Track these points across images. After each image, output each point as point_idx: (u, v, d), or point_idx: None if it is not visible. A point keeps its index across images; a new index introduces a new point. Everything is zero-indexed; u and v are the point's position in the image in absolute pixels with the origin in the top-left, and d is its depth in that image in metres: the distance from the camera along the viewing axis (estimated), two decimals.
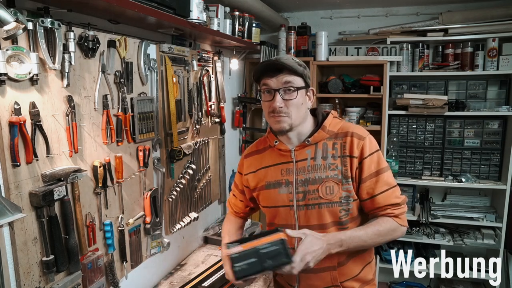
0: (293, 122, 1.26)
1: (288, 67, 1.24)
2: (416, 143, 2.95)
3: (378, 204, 1.28)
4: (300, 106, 1.27)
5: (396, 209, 1.28)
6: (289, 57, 1.30)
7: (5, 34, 1.02)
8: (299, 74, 1.26)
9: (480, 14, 2.71)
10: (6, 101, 1.09)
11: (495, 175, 2.82)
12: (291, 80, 1.24)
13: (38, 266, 1.21)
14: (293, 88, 1.24)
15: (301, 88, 1.26)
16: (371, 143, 1.30)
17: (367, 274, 1.37)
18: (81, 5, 1.24)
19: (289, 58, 1.28)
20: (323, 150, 1.30)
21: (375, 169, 1.27)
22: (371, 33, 3.02)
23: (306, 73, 1.29)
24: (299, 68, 1.26)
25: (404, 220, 1.31)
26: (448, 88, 2.87)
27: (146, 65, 1.68)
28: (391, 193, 1.28)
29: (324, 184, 1.27)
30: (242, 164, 1.47)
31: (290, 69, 1.24)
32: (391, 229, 1.28)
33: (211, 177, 2.42)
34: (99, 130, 1.45)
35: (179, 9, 1.62)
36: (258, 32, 2.65)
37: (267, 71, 1.27)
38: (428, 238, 2.95)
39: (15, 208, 1.09)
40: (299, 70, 1.25)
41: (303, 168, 1.30)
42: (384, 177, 1.28)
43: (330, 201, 1.26)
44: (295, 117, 1.26)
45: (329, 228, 1.28)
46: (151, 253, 1.82)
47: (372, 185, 1.27)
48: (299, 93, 1.25)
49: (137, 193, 1.70)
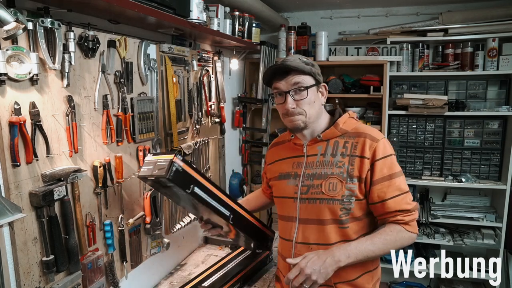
0: (307, 119, 1.29)
1: (295, 68, 1.26)
2: (416, 143, 2.95)
3: (389, 209, 1.26)
4: (313, 104, 1.29)
5: (407, 215, 1.26)
6: (296, 57, 1.31)
7: (5, 34, 1.02)
8: (307, 73, 1.27)
9: (480, 14, 2.71)
10: (6, 101, 1.09)
11: (495, 175, 2.82)
12: (300, 81, 1.27)
13: (38, 266, 1.21)
14: (303, 87, 1.27)
15: (311, 86, 1.28)
16: (385, 147, 1.28)
17: (365, 282, 1.34)
18: (81, 5, 1.24)
19: (295, 59, 1.30)
20: (333, 147, 1.31)
21: (387, 172, 1.26)
22: (371, 33, 3.02)
23: (315, 71, 1.30)
24: (306, 68, 1.27)
25: (414, 227, 1.29)
26: (448, 88, 2.87)
27: (146, 65, 1.68)
28: (402, 198, 1.26)
29: (328, 180, 1.28)
30: (267, 154, 1.57)
31: (297, 70, 1.26)
32: (399, 237, 1.26)
33: (211, 177, 2.42)
34: (99, 130, 1.45)
35: (179, 9, 1.62)
36: (258, 32, 2.65)
37: (275, 75, 1.30)
38: (428, 238, 2.95)
39: (15, 208, 1.08)
40: (306, 70, 1.27)
41: (312, 163, 1.33)
42: (396, 181, 1.26)
43: (331, 198, 1.27)
44: (309, 115, 1.29)
45: (328, 225, 1.29)
46: (151, 253, 1.82)
47: (383, 189, 1.26)
48: (309, 92, 1.27)
49: (137, 193, 1.70)
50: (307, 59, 1.32)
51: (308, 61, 1.31)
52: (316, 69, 1.31)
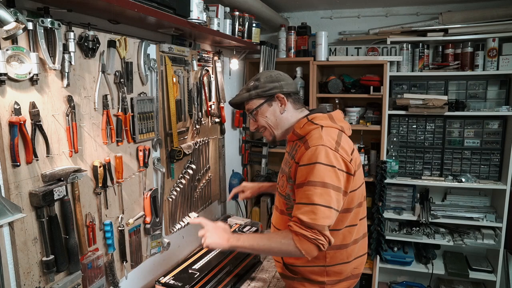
0: (272, 131, 1.47)
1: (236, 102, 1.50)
2: (416, 143, 2.95)
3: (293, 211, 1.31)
4: (267, 118, 1.45)
5: (298, 225, 1.24)
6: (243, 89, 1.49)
7: (5, 34, 1.02)
8: (251, 98, 1.45)
9: (480, 14, 2.71)
10: (6, 101, 1.09)
11: (495, 175, 2.82)
12: (249, 107, 1.47)
13: (38, 266, 1.21)
14: (252, 110, 1.46)
15: (259, 106, 1.44)
16: (315, 154, 1.26)
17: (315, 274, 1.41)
18: (81, 5, 1.24)
19: (241, 92, 1.49)
20: (292, 147, 1.42)
21: (305, 179, 1.26)
22: (371, 33, 3.02)
23: (257, 92, 1.43)
24: (245, 96, 1.45)
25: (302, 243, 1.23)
26: (448, 88, 2.87)
27: (146, 65, 1.68)
28: (302, 207, 1.25)
29: (282, 177, 1.45)
30: None
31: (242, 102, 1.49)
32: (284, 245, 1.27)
33: (211, 177, 2.42)
34: (99, 130, 1.45)
35: (179, 9, 1.62)
36: (258, 32, 2.65)
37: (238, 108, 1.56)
38: (428, 238, 2.95)
39: (15, 208, 1.09)
40: (245, 98, 1.46)
41: (285, 159, 1.50)
42: (309, 190, 1.24)
43: (281, 193, 1.45)
44: (270, 127, 1.47)
45: (283, 215, 1.46)
46: (151, 253, 1.82)
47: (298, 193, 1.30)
48: (259, 111, 1.45)
49: (137, 193, 1.70)
50: (254, 81, 1.46)
51: (251, 85, 1.45)
52: (260, 88, 1.43)
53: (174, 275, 1.73)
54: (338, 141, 1.32)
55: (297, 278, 1.45)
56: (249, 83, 1.48)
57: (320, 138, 1.30)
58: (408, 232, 3.01)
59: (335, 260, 1.40)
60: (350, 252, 1.43)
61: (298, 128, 1.40)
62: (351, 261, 1.44)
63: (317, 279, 1.42)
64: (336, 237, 1.35)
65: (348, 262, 1.43)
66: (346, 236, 1.40)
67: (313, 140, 1.30)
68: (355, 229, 1.43)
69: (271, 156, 3.10)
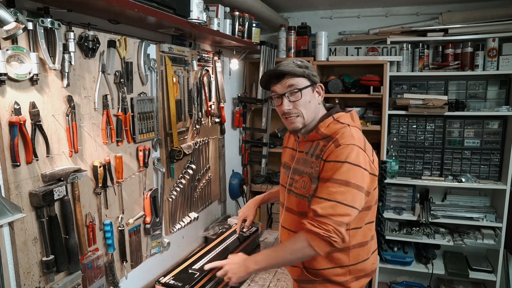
0: (305, 120, 1.36)
1: (288, 72, 1.33)
2: (416, 143, 2.95)
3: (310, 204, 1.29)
4: (308, 104, 1.35)
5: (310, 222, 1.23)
6: (290, 61, 1.36)
7: (5, 34, 1.02)
8: (300, 75, 1.33)
9: (480, 14, 2.71)
10: (6, 101, 1.09)
11: (495, 175, 2.82)
12: (294, 83, 1.33)
13: (38, 266, 1.21)
14: (297, 89, 1.32)
15: (305, 87, 1.34)
16: (345, 153, 1.25)
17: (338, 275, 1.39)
18: (81, 5, 1.24)
19: (289, 63, 1.35)
20: (314, 147, 1.37)
21: (330, 176, 1.25)
22: (371, 33, 3.02)
23: (309, 72, 1.34)
24: (299, 71, 1.33)
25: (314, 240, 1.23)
26: (448, 88, 2.87)
27: (146, 65, 1.68)
28: (322, 201, 1.24)
29: (302, 178, 1.38)
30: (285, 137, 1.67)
31: (291, 73, 1.33)
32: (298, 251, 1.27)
33: (211, 177, 2.42)
34: (99, 130, 1.45)
35: (179, 9, 1.62)
36: (258, 32, 2.65)
37: (271, 79, 1.38)
38: (428, 238, 2.95)
39: (15, 208, 1.09)
40: (299, 72, 1.33)
41: (299, 159, 1.43)
42: (332, 186, 1.23)
43: (302, 194, 1.37)
44: (306, 115, 1.35)
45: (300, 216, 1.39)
46: (151, 253, 1.82)
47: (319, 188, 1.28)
48: (303, 93, 1.33)
49: (137, 193, 1.70)
50: (301, 61, 1.37)
51: (301, 63, 1.36)
52: (310, 71, 1.35)
53: (174, 275, 1.73)
54: (364, 141, 1.34)
55: (318, 281, 1.41)
56: (294, 60, 1.36)
57: (351, 137, 1.29)
58: (408, 232, 3.01)
59: (358, 258, 1.40)
60: (369, 248, 1.44)
61: (323, 127, 1.35)
62: (370, 257, 1.45)
63: (339, 279, 1.39)
64: (357, 235, 1.37)
65: (368, 258, 1.44)
66: (366, 233, 1.41)
67: (344, 138, 1.29)
68: (373, 226, 1.45)
69: (271, 156, 3.09)
